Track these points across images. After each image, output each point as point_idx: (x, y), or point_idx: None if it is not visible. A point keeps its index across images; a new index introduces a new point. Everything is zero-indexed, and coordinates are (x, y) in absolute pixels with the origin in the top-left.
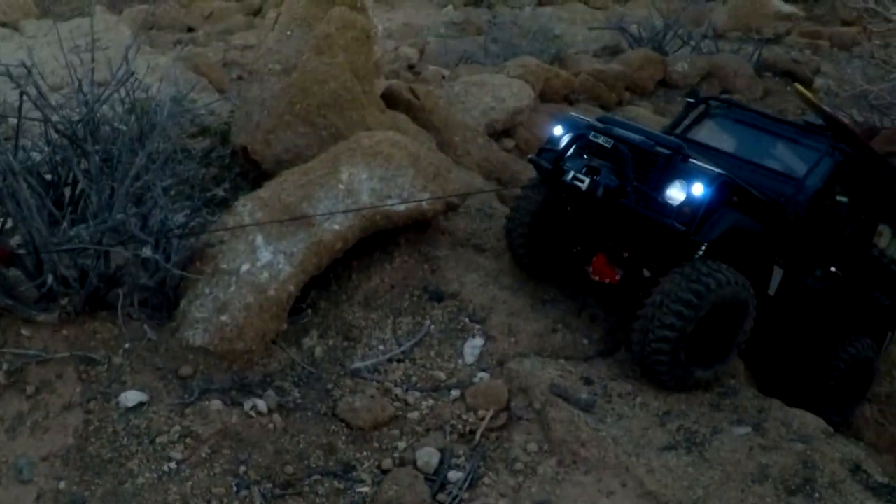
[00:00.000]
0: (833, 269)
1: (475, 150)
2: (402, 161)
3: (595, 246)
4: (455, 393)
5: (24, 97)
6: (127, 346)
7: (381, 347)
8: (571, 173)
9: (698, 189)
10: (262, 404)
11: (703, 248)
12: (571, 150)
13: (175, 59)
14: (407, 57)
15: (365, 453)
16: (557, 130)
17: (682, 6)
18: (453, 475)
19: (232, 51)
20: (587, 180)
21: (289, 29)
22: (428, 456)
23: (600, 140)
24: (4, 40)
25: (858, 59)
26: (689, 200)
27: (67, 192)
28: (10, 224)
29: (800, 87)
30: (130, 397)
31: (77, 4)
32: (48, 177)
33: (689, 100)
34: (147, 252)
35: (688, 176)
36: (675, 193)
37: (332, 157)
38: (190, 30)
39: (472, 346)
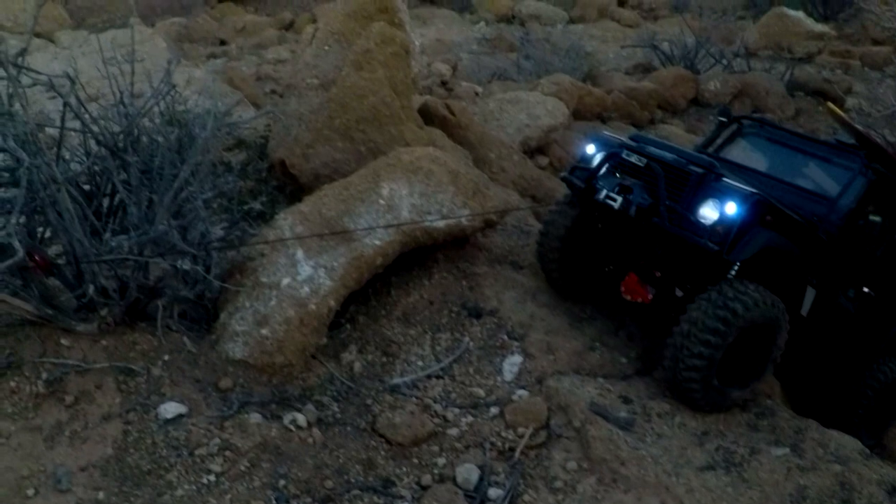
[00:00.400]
0: (866, 289)
1: (510, 167)
2: (442, 177)
3: (627, 265)
4: (494, 410)
5: (66, 107)
6: (166, 357)
7: (420, 363)
8: (604, 192)
9: (731, 208)
10: (301, 418)
11: (736, 267)
12: (604, 169)
13: (210, 73)
14: (440, 73)
15: (404, 469)
16: (590, 149)
17: (713, 24)
18: (493, 493)
19: (265, 65)
20: (620, 199)
21: (326, 44)
22: (468, 473)
23: (633, 159)
24: (39, 51)
25: (891, 79)
26: (722, 219)
27: (106, 203)
28: (49, 234)
29: (832, 105)
30: (169, 409)
31: (110, 16)
32: (87, 188)
33: (721, 118)
34: (187, 264)
35: (721, 195)
36: (708, 212)
37: (372, 172)
38: (222, 43)
39: (511, 364)
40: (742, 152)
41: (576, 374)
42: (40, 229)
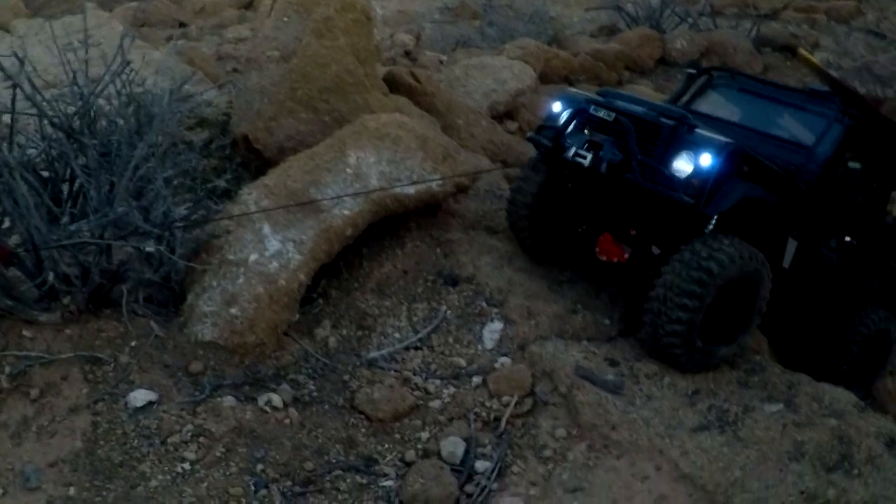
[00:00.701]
0: (848, 238)
1: (479, 133)
2: (410, 143)
3: (600, 224)
4: (476, 379)
5: (17, 92)
6: (133, 343)
7: (397, 335)
8: (573, 150)
9: (706, 160)
10: (276, 399)
11: (713, 221)
12: (571, 126)
13: (169, 53)
14: (403, 43)
15: (387, 446)
16: (556, 107)
17: None
18: (480, 465)
19: (225, 44)
20: (589, 156)
21: (285, 15)
22: (453, 446)
23: (601, 114)
24: None
25: (859, 31)
26: (697, 172)
27: (66, 188)
28: (7, 223)
29: (804, 52)
30: (139, 397)
31: (68, 6)
32: (44, 173)
33: (690, 71)
34: (151, 245)
35: (694, 146)
36: (682, 165)
37: (337, 141)
38: (181, 25)
39: (491, 331)
40: (713, 104)
41: (559, 339)
42: None
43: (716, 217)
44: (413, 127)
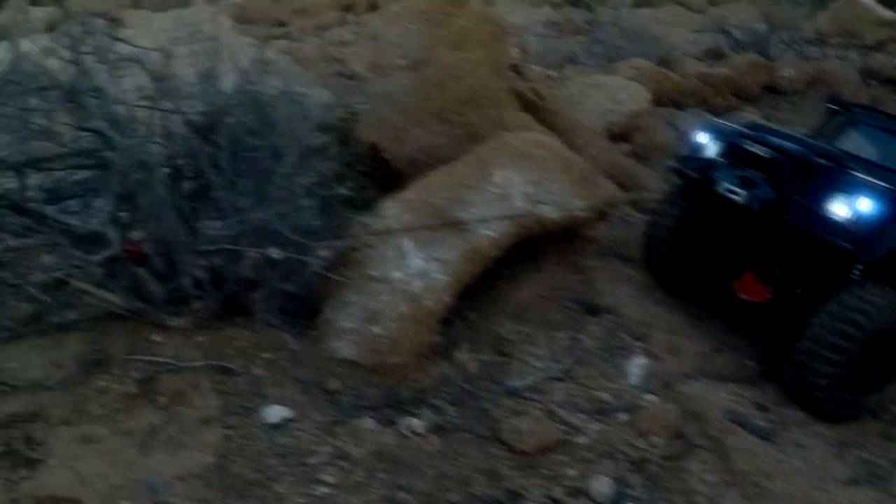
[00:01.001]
0: None
1: (599, 154)
2: (553, 164)
3: (743, 262)
4: (622, 416)
5: (148, 91)
6: (266, 355)
7: (538, 364)
8: (725, 184)
9: (865, 204)
10: (418, 424)
11: (861, 266)
12: (721, 159)
13: (278, 52)
14: (510, 57)
15: (532, 481)
16: (702, 137)
17: (784, 10)
18: None
19: (329, 46)
20: (743, 192)
21: (412, 23)
22: (603, 486)
23: (756, 149)
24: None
25: None
26: (855, 216)
27: (191, 188)
28: (131, 220)
29: None
30: (274, 413)
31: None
32: (168, 171)
33: (831, 106)
34: (292, 254)
35: (852, 189)
36: (839, 209)
37: (478, 158)
38: (281, 24)
39: (636, 366)
40: (855, 143)
41: (704, 378)
42: (122, 214)
43: (862, 264)
44: (555, 147)
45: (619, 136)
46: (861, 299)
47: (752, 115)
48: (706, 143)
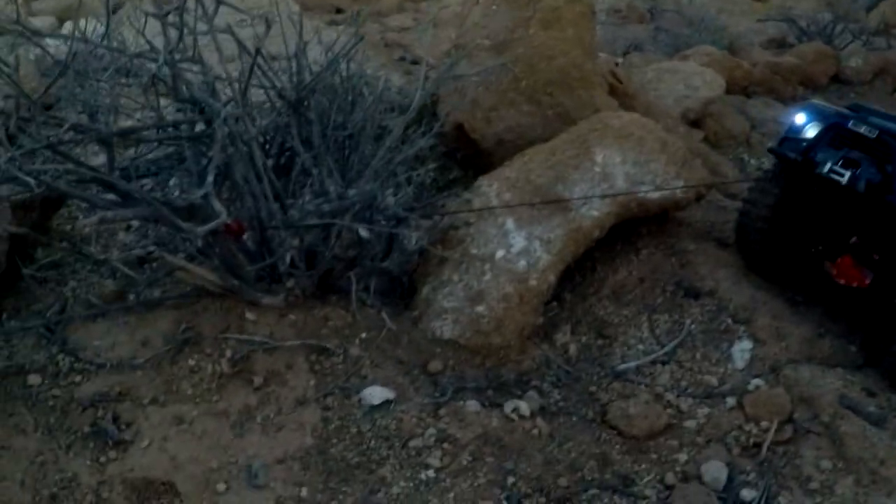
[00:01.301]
0: None
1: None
2: (653, 145)
3: (839, 245)
4: (730, 401)
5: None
6: (363, 335)
7: (641, 347)
8: (828, 165)
9: None
10: (524, 406)
11: None
12: (823, 140)
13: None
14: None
15: (644, 466)
16: (800, 118)
17: (846, 0)
18: (746, 494)
19: (389, 32)
20: (847, 174)
21: (494, 3)
22: (716, 471)
23: (862, 130)
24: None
25: None
26: None
27: (283, 164)
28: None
29: None
30: (375, 394)
31: None
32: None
33: None
34: (368, 233)
35: None
36: None
37: (577, 138)
38: (339, 11)
39: (741, 350)
40: None
41: (810, 363)
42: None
43: None
44: (654, 128)
45: (693, 122)
46: None
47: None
48: (806, 124)
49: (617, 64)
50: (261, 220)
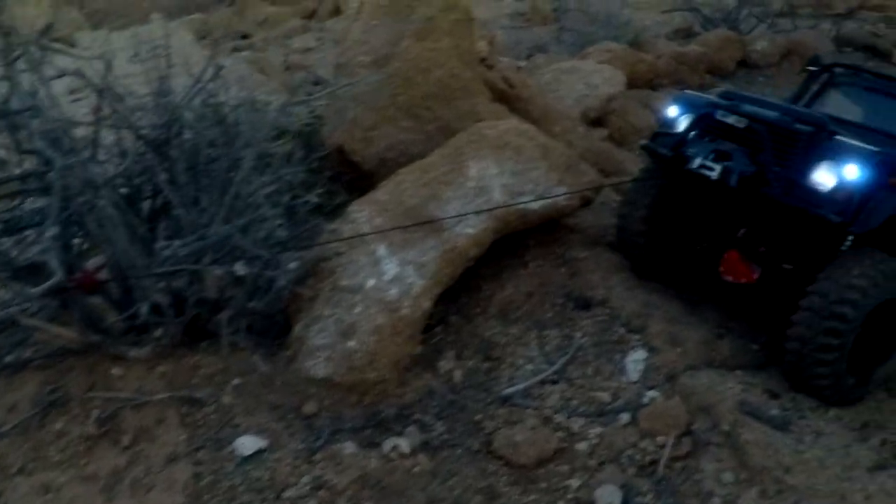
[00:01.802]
0: None
1: (576, 141)
2: (533, 153)
3: (724, 241)
4: (625, 416)
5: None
6: (236, 381)
7: (530, 367)
8: (698, 160)
9: (852, 171)
10: (403, 444)
11: (851, 238)
12: (693, 133)
13: (241, 63)
14: (478, 49)
15: (532, 497)
16: (672, 111)
17: None
18: None
19: (292, 54)
20: (718, 168)
21: (375, 18)
22: (610, 496)
23: (730, 120)
24: (59, 55)
25: None
26: (842, 185)
27: (148, 206)
28: (87, 245)
29: None
30: (246, 444)
31: (128, 19)
32: (125, 191)
33: (810, 68)
34: (256, 269)
35: (837, 156)
36: (824, 178)
37: (454, 151)
38: (244, 37)
39: (635, 361)
40: (837, 105)
41: (709, 368)
42: (76, 240)
43: (853, 235)
44: (534, 135)
45: (595, 121)
46: (854, 274)
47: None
48: (676, 115)
49: (520, 67)
50: (121, 268)
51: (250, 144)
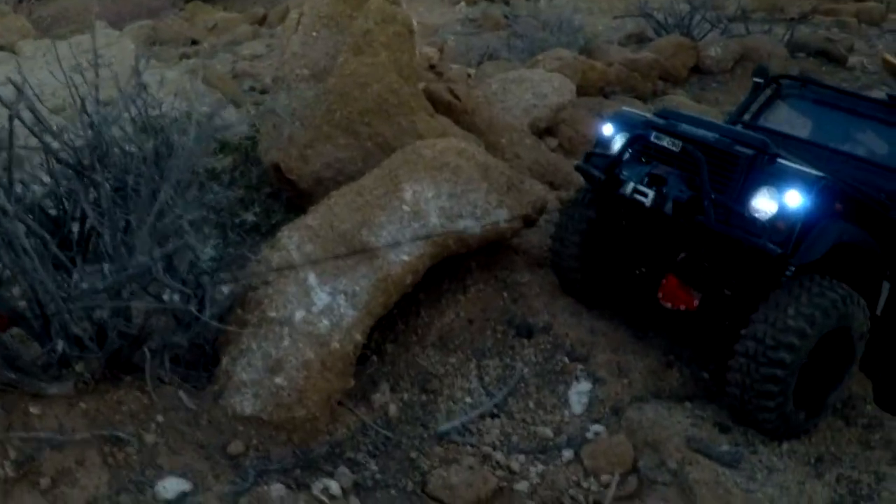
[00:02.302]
0: None
1: (524, 153)
2: (472, 174)
3: (663, 266)
4: (567, 453)
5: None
6: (160, 418)
7: (469, 400)
8: (631, 185)
9: (794, 198)
10: (334, 485)
11: (793, 267)
12: (627, 154)
13: (185, 72)
14: (427, 57)
15: None
16: (607, 129)
17: None
18: None
19: (241, 61)
20: (651, 193)
21: (314, 30)
22: None
23: (664, 142)
24: (1, 64)
25: (890, 34)
26: (783, 213)
27: (75, 231)
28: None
29: (890, 57)
30: (169, 487)
31: (77, 26)
32: (51, 212)
33: (756, 80)
34: (177, 301)
35: (778, 181)
36: (764, 204)
37: (389, 173)
38: (194, 43)
39: (579, 392)
40: (784, 119)
41: (657, 400)
42: None
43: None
44: (473, 154)
45: (544, 131)
46: (800, 302)
47: (681, 97)
48: (611, 135)
49: (469, 75)
50: (39, 300)
51: (188, 162)
